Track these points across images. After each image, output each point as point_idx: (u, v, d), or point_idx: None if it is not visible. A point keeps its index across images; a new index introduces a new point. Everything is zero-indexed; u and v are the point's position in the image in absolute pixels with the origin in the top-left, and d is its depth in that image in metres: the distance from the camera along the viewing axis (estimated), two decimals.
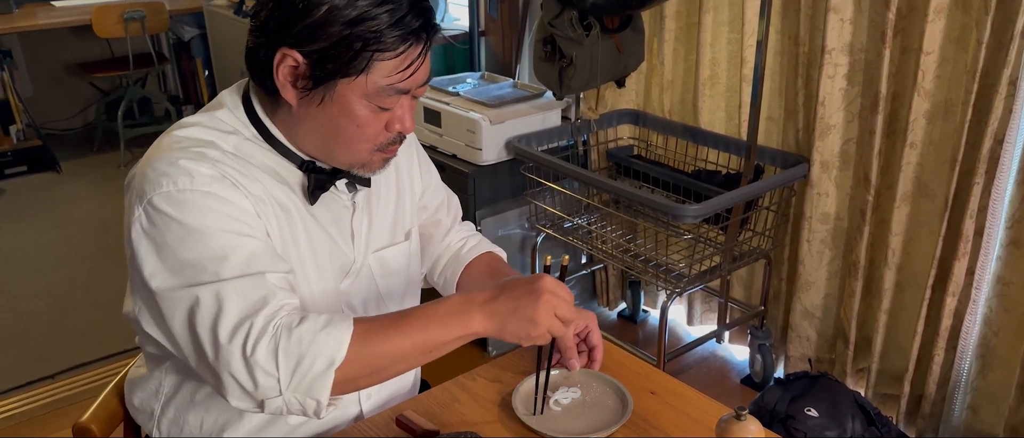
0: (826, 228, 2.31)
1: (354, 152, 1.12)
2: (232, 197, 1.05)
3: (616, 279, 2.96)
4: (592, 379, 1.27)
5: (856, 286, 2.25)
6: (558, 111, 2.67)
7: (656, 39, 2.59)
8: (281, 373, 0.97)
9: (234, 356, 0.97)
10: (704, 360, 2.74)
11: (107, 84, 4.90)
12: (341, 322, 1.01)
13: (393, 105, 1.08)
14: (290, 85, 1.06)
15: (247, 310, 0.99)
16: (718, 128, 2.52)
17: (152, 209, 1.03)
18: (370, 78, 1.04)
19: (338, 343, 0.99)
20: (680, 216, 2.08)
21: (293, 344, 0.98)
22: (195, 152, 1.07)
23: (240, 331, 0.98)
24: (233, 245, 1.03)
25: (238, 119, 1.13)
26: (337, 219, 1.21)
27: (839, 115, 2.19)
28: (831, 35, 2.11)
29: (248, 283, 1.01)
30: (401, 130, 1.11)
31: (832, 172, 2.25)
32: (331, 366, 0.98)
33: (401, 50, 1.04)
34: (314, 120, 1.09)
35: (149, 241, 1.03)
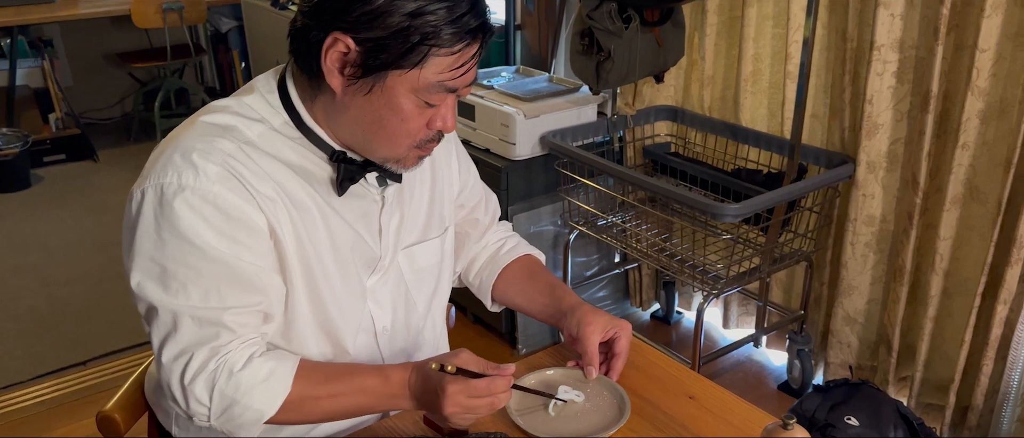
0: (871, 231, 2.24)
1: (393, 146, 1.09)
2: (233, 201, 1.03)
3: (650, 279, 2.91)
4: (600, 385, 1.22)
5: (901, 292, 2.18)
6: (594, 106, 2.62)
7: (697, 33, 2.52)
8: (213, 408, 1.04)
9: (173, 377, 1.04)
10: (740, 365, 2.68)
11: (145, 74, 4.93)
12: (280, 379, 1.06)
13: (439, 102, 1.06)
14: (337, 71, 1.03)
15: (195, 341, 1.03)
16: (760, 126, 2.45)
17: (151, 196, 1.03)
18: (422, 73, 1.02)
19: (271, 400, 1.05)
20: (719, 215, 2.02)
21: (230, 387, 1.04)
22: (212, 143, 1.05)
23: (181, 358, 1.03)
24: (210, 263, 1.03)
25: (269, 105, 1.10)
26: (365, 213, 1.17)
27: (887, 114, 2.12)
28: (880, 30, 2.04)
29: (205, 315, 1.03)
30: (442, 128, 1.09)
31: (879, 173, 2.18)
32: (259, 420, 1.05)
33: (457, 48, 1.01)
34: (357, 109, 1.06)
35: (139, 225, 1.03)
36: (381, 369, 1.11)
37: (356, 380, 1.09)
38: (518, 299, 1.39)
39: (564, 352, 1.33)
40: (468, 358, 1.08)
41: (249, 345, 1.06)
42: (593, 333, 1.23)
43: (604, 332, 1.24)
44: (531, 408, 1.17)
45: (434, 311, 1.33)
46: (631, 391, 1.21)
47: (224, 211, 1.02)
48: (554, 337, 2.75)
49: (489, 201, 1.44)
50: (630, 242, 2.50)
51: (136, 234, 1.03)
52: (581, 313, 1.26)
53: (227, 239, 1.03)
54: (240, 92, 1.14)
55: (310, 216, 1.11)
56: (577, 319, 1.25)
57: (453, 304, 1.48)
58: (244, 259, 1.04)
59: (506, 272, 1.41)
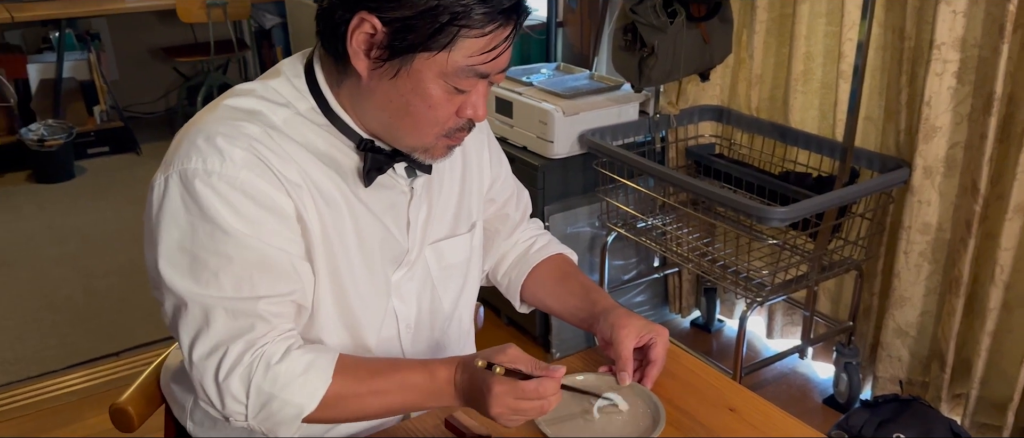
0: (926, 239, 2.14)
1: (420, 134, 1.03)
2: (261, 186, 0.98)
3: (690, 285, 2.82)
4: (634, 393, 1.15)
5: (957, 304, 2.07)
6: (636, 105, 2.55)
7: (746, 30, 2.44)
8: (250, 405, 0.98)
9: (206, 375, 0.98)
10: (783, 376, 2.58)
11: (189, 69, 4.97)
12: (320, 371, 1.00)
13: (469, 88, 1.00)
14: (363, 54, 0.98)
15: (229, 334, 0.98)
16: (810, 127, 2.36)
17: (176, 183, 0.98)
18: (451, 56, 0.96)
19: (311, 394, 0.99)
20: (766, 219, 1.94)
21: (268, 382, 0.98)
22: (236, 127, 1.00)
23: (215, 354, 0.98)
24: (241, 249, 0.97)
25: (296, 89, 1.05)
26: (392, 205, 1.12)
27: (946, 116, 2.02)
28: (941, 28, 1.94)
29: (238, 306, 0.99)
30: (473, 117, 1.04)
31: (936, 178, 2.08)
32: (299, 416, 0.99)
33: (489, 29, 0.95)
34: (383, 94, 1.00)
35: (164, 213, 0.98)
36: (426, 365, 1.04)
37: (401, 376, 1.03)
38: (549, 300, 1.33)
39: (595, 356, 1.26)
40: (516, 355, 1.01)
41: (285, 337, 1.02)
42: (627, 337, 1.16)
43: (639, 337, 1.17)
44: (560, 417, 1.10)
45: (461, 310, 1.27)
46: (667, 401, 1.14)
47: (251, 197, 0.98)
48: (590, 341, 2.68)
49: (520, 196, 1.38)
50: (670, 246, 2.43)
51: (161, 223, 0.98)
52: (615, 316, 1.19)
53: (256, 225, 0.98)
54: (266, 76, 1.09)
55: (336, 206, 1.06)
56: (611, 322, 1.18)
57: (483, 304, 1.42)
58: (275, 245, 0.99)
59: (536, 271, 1.34)
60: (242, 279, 0.98)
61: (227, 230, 0.97)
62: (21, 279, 3.22)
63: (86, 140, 4.37)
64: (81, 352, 2.74)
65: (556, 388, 0.99)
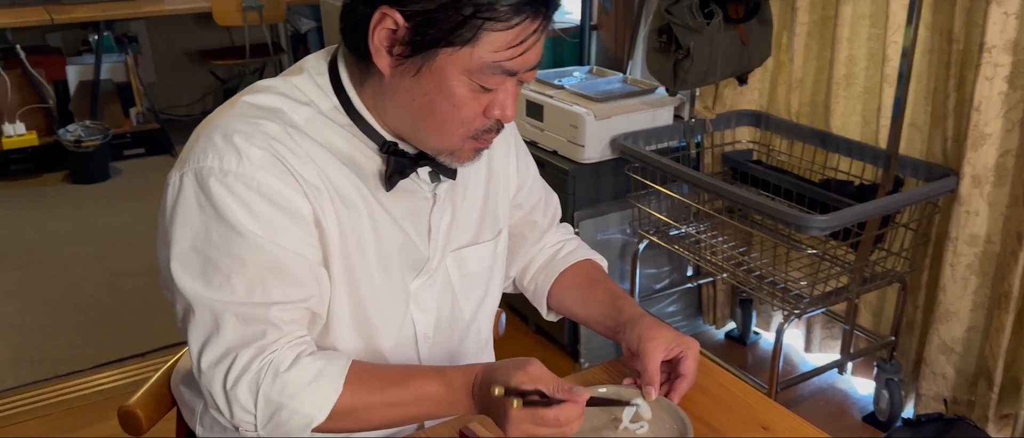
0: (974, 252, 2.04)
1: (445, 135, 0.99)
2: (278, 188, 0.94)
3: (725, 296, 2.74)
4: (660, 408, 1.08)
5: (1006, 320, 1.97)
6: (670, 109, 2.48)
7: (786, 33, 2.36)
8: (259, 415, 0.95)
9: (214, 383, 0.95)
10: (821, 392, 2.49)
11: (226, 73, 5.00)
12: (331, 379, 0.95)
13: (496, 87, 0.96)
14: (385, 51, 0.93)
15: (238, 341, 0.95)
16: (852, 134, 2.27)
17: (191, 181, 0.94)
18: (476, 51, 0.91)
19: (321, 404, 0.94)
20: (805, 227, 1.86)
21: (276, 390, 0.93)
22: (255, 125, 0.95)
23: (224, 361, 0.95)
24: (255, 252, 0.94)
25: (318, 88, 1.01)
26: (414, 211, 1.07)
27: (997, 123, 1.93)
28: (992, 31, 1.86)
29: (249, 312, 0.95)
30: (500, 117, 0.99)
31: (984, 188, 1.98)
32: (308, 427, 0.95)
33: (515, 22, 0.91)
34: (406, 93, 0.96)
35: (178, 212, 0.95)
36: (442, 373, 1.00)
37: (416, 386, 0.98)
38: (575, 307, 1.27)
39: (622, 367, 1.20)
40: (537, 374, 0.95)
41: (296, 344, 0.98)
42: (655, 349, 1.10)
43: (668, 349, 1.10)
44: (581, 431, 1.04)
45: (481, 319, 1.22)
46: (696, 416, 1.07)
47: (268, 198, 0.94)
48: (619, 351, 2.61)
49: (549, 201, 1.32)
50: (705, 254, 2.35)
51: (175, 223, 0.95)
52: (643, 327, 1.13)
53: (271, 227, 0.94)
54: (288, 72, 1.05)
55: (355, 210, 1.01)
56: (638, 333, 1.12)
57: (506, 310, 1.37)
58: (290, 249, 0.96)
59: (563, 277, 1.28)
60: (254, 283, 0.94)
61: (241, 232, 0.93)
62: (50, 278, 3.24)
63: (122, 141, 4.41)
64: (107, 352, 2.74)
65: (578, 413, 0.94)
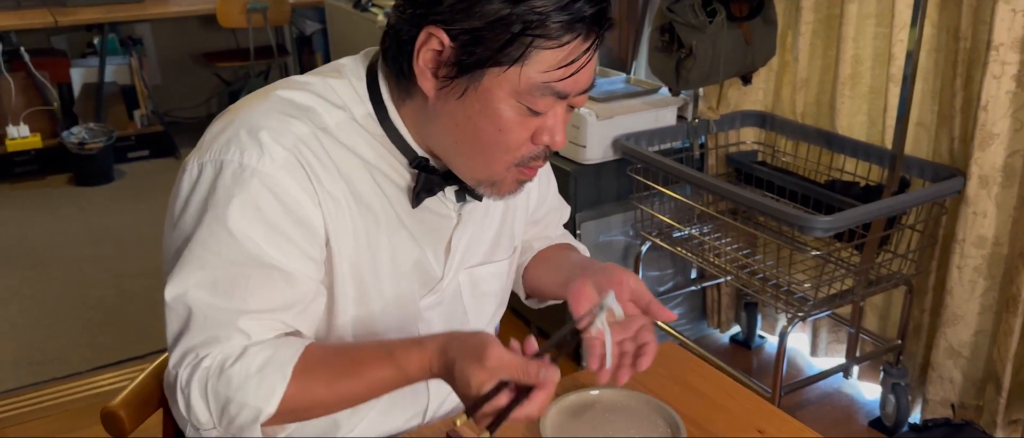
0: (981, 254, 2.01)
1: (488, 163, 0.95)
2: (294, 193, 0.92)
3: (730, 299, 2.71)
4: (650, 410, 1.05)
5: (1015, 323, 1.94)
6: (673, 109, 2.46)
7: (790, 32, 2.33)
8: (212, 413, 0.91)
9: (177, 383, 0.92)
10: (827, 397, 2.46)
11: (231, 75, 5.00)
12: (278, 368, 0.90)
13: (546, 110, 0.92)
14: (430, 73, 0.91)
15: (202, 341, 0.91)
16: (858, 134, 2.24)
17: (210, 172, 0.92)
18: (524, 71, 0.88)
19: (267, 395, 0.89)
20: (809, 228, 1.84)
21: (223, 384, 0.90)
22: (285, 124, 0.93)
23: (186, 360, 0.91)
24: (245, 257, 0.90)
25: (355, 93, 0.98)
26: (435, 229, 1.04)
27: (1005, 122, 1.90)
28: (1000, 28, 1.83)
29: (223, 317, 0.91)
30: (550, 144, 0.94)
31: (992, 189, 1.95)
32: (256, 420, 0.90)
33: (566, 40, 0.87)
34: (449, 117, 0.92)
35: (191, 201, 0.93)
36: (392, 357, 0.91)
37: (368, 375, 0.92)
38: (541, 282, 1.21)
39: None
40: (497, 364, 0.84)
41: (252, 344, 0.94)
42: (579, 298, 0.98)
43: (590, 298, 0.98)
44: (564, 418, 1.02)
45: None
46: (690, 420, 1.05)
47: (281, 201, 0.91)
48: None
49: (562, 213, 1.29)
50: (708, 257, 2.33)
51: (184, 211, 0.93)
52: (574, 280, 1.02)
53: (273, 234, 0.91)
54: (325, 71, 1.01)
55: (375, 222, 0.99)
56: (570, 290, 1.01)
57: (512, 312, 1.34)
58: (285, 259, 0.92)
59: (536, 257, 1.24)
60: (236, 287, 0.91)
61: (237, 234, 0.90)
62: (55, 279, 3.23)
63: (126, 144, 4.40)
64: (110, 353, 2.73)
65: (549, 395, 0.86)
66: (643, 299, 0.99)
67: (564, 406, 1.06)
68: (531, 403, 0.84)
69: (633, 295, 0.99)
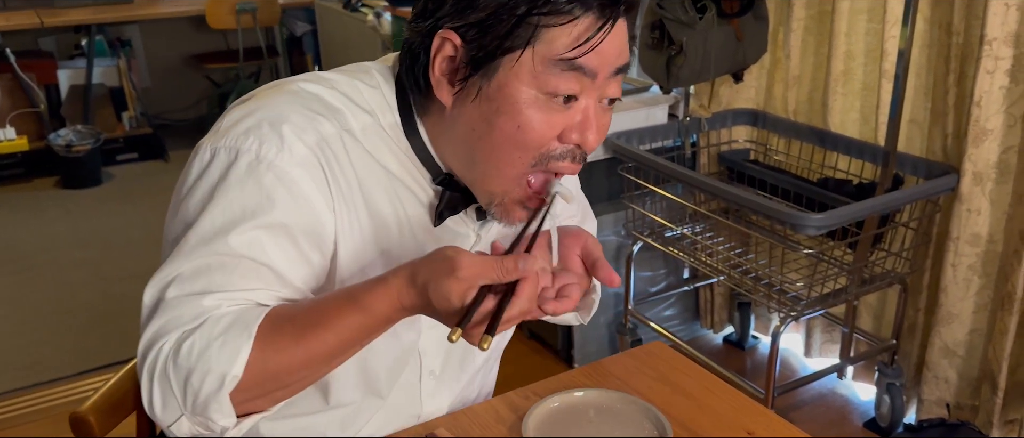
0: (976, 251, 1.99)
1: (500, 167, 0.88)
2: (307, 193, 0.87)
3: (723, 298, 2.68)
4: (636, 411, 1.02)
5: (1010, 322, 1.92)
6: (665, 107, 2.43)
7: (782, 29, 2.31)
8: (176, 392, 0.81)
9: (142, 373, 0.83)
10: (821, 397, 2.43)
11: (221, 77, 4.96)
12: (243, 327, 0.82)
13: (572, 92, 0.85)
14: (446, 81, 0.87)
15: (162, 326, 0.84)
16: (851, 131, 2.22)
17: (223, 159, 0.87)
18: (538, 51, 0.83)
19: (232, 355, 0.80)
20: (802, 226, 1.81)
21: (182, 356, 0.81)
22: (311, 121, 0.88)
23: (148, 351, 0.83)
24: (238, 254, 0.85)
25: (384, 99, 0.94)
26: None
27: (998, 118, 1.87)
28: (993, 23, 1.80)
29: (188, 298, 0.84)
30: (581, 142, 0.87)
31: (986, 185, 1.93)
32: (222, 386, 0.80)
33: (577, 15, 0.82)
34: (467, 125, 0.88)
35: (199, 186, 0.87)
36: (358, 302, 0.83)
37: (336, 323, 0.83)
38: None
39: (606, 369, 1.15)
40: (470, 273, 0.78)
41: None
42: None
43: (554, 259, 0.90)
44: None
45: (491, 361, 1.16)
46: (677, 421, 1.02)
47: (294, 200, 0.87)
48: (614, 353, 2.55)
49: (586, 224, 1.22)
50: (701, 256, 2.30)
51: (190, 195, 0.87)
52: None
53: (280, 232, 0.87)
54: (353, 72, 0.96)
55: (387, 239, 0.94)
56: None
57: None
58: (289, 259, 0.87)
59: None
60: (216, 272, 0.85)
61: (240, 226, 0.85)
62: (41, 283, 3.20)
63: (114, 146, 4.37)
64: (97, 357, 2.69)
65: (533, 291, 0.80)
66: (590, 257, 0.92)
67: (548, 407, 1.03)
68: (520, 298, 0.79)
69: (583, 251, 0.92)
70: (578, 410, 1.03)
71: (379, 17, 3.44)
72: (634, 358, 1.17)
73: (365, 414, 1.04)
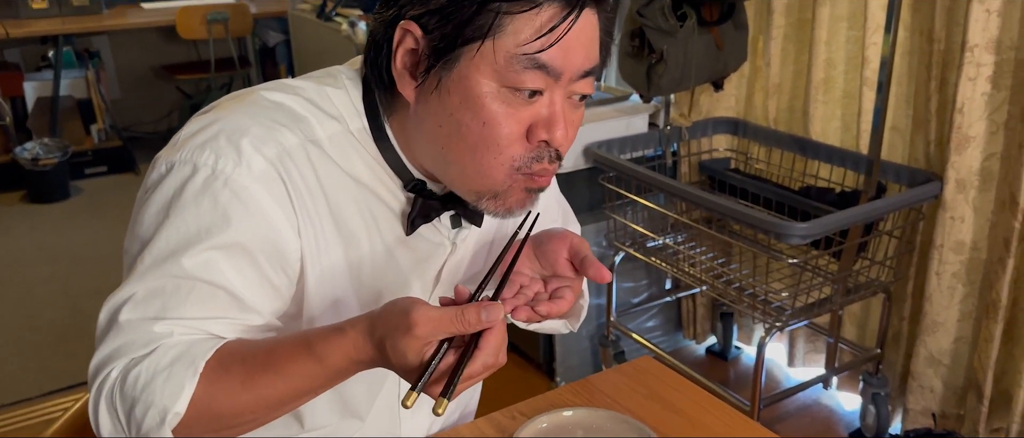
0: (960, 259, 1.97)
1: (481, 169, 0.84)
2: (267, 209, 0.82)
3: (705, 309, 2.66)
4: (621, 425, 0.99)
5: (995, 330, 1.91)
6: (645, 116, 2.41)
7: (762, 37, 2.30)
8: (121, 420, 0.77)
9: (91, 390, 0.80)
10: (806, 408, 2.41)
11: (193, 88, 4.89)
12: (189, 362, 0.77)
13: (532, 86, 0.80)
14: (408, 74, 0.83)
15: (112, 351, 0.79)
16: (832, 140, 2.20)
17: (178, 174, 0.82)
18: (499, 44, 0.79)
19: (175, 392, 0.76)
20: (785, 235, 1.78)
21: (128, 385, 0.77)
22: (272, 132, 0.84)
23: (100, 372, 0.79)
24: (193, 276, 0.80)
25: (351, 103, 0.89)
26: (425, 259, 0.95)
27: (981, 125, 1.86)
28: (974, 29, 1.80)
29: (140, 323, 0.79)
30: (549, 138, 0.82)
31: (969, 193, 1.92)
32: (164, 421, 0.75)
33: (539, 2, 0.78)
34: (432, 120, 0.83)
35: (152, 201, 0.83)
36: (313, 349, 0.78)
37: (287, 369, 0.78)
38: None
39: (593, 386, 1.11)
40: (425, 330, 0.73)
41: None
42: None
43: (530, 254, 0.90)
44: None
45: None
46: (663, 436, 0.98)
47: (253, 218, 0.82)
48: (597, 367, 2.52)
49: (568, 226, 1.18)
50: (683, 266, 2.27)
51: (144, 211, 0.83)
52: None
53: (238, 253, 0.82)
54: (320, 77, 0.92)
55: (357, 253, 0.90)
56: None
57: None
58: (248, 282, 0.82)
59: None
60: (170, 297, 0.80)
61: (194, 245, 0.80)
62: (6, 300, 3.11)
63: (83, 160, 4.28)
64: (63, 377, 2.62)
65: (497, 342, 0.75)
66: (578, 255, 0.89)
67: (536, 428, 0.99)
68: (482, 352, 0.74)
69: (571, 251, 0.89)
70: (567, 430, 0.99)
71: (354, 26, 3.39)
72: (623, 374, 1.13)
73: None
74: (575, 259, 0.89)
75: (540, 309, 0.84)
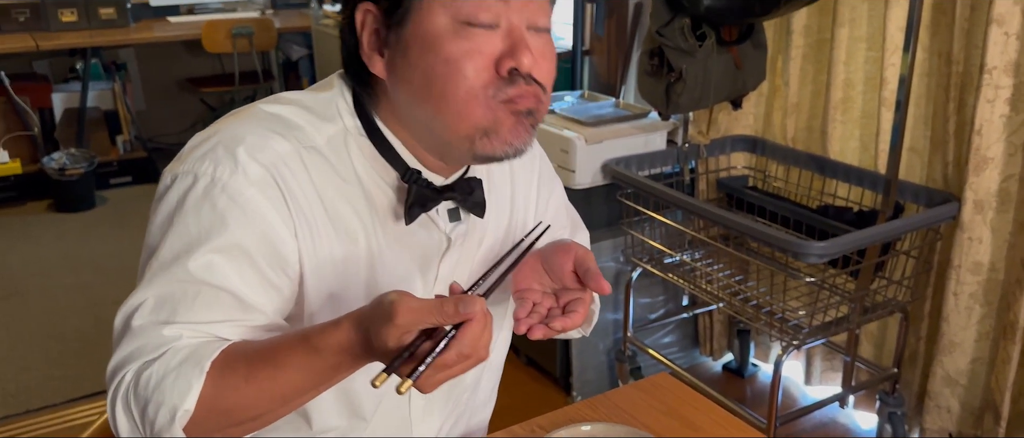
0: (977, 280, 1.97)
1: (459, 110, 0.85)
2: (264, 213, 0.86)
3: (722, 326, 2.66)
4: None
5: (1013, 351, 1.90)
6: (663, 133, 2.43)
7: (781, 56, 2.31)
8: (136, 421, 0.81)
9: (108, 393, 0.83)
10: (823, 427, 2.41)
11: (216, 101, 4.95)
12: (196, 362, 0.81)
13: (488, 21, 0.83)
14: (376, 52, 0.87)
15: (127, 355, 0.83)
16: (850, 159, 2.21)
17: (181, 185, 0.87)
18: None
19: (184, 390, 0.79)
20: (804, 254, 1.79)
21: (141, 386, 0.80)
22: (265, 140, 0.88)
23: (116, 375, 0.83)
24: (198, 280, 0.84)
25: (345, 103, 0.93)
26: (423, 256, 0.97)
27: (999, 147, 1.87)
28: (993, 52, 1.80)
29: (151, 327, 0.83)
30: (516, 64, 0.83)
31: (987, 214, 1.92)
32: (174, 419, 0.79)
33: None
34: (406, 85, 0.87)
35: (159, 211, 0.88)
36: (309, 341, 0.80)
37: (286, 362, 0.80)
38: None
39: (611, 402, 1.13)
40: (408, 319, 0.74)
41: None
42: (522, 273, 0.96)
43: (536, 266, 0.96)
44: None
45: (484, 379, 1.12)
46: None
47: (251, 221, 0.86)
48: (614, 383, 2.53)
49: (577, 237, 1.18)
50: (700, 283, 2.28)
51: (152, 223, 0.88)
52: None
53: (239, 256, 0.85)
54: (317, 86, 0.97)
55: (355, 254, 0.92)
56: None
57: None
58: (249, 283, 0.86)
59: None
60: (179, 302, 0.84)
61: (198, 250, 0.84)
62: (32, 308, 3.16)
63: (108, 170, 4.34)
64: (86, 384, 2.65)
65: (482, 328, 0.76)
66: (582, 267, 0.92)
67: None
68: (457, 340, 0.74)
69: (576, 263, 0.92)
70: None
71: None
72: (641, 390, 1.15)
73: None
74: (580, 270, 0.92)
75: (555, 325, 0.88)
